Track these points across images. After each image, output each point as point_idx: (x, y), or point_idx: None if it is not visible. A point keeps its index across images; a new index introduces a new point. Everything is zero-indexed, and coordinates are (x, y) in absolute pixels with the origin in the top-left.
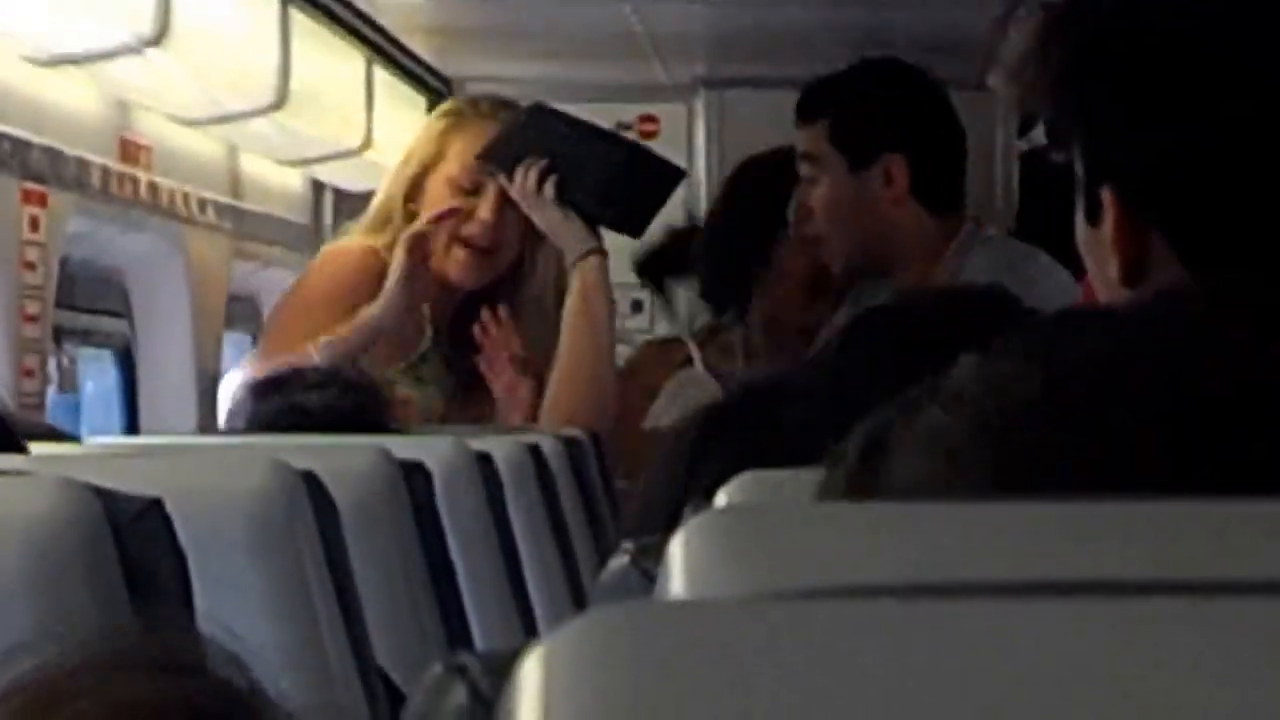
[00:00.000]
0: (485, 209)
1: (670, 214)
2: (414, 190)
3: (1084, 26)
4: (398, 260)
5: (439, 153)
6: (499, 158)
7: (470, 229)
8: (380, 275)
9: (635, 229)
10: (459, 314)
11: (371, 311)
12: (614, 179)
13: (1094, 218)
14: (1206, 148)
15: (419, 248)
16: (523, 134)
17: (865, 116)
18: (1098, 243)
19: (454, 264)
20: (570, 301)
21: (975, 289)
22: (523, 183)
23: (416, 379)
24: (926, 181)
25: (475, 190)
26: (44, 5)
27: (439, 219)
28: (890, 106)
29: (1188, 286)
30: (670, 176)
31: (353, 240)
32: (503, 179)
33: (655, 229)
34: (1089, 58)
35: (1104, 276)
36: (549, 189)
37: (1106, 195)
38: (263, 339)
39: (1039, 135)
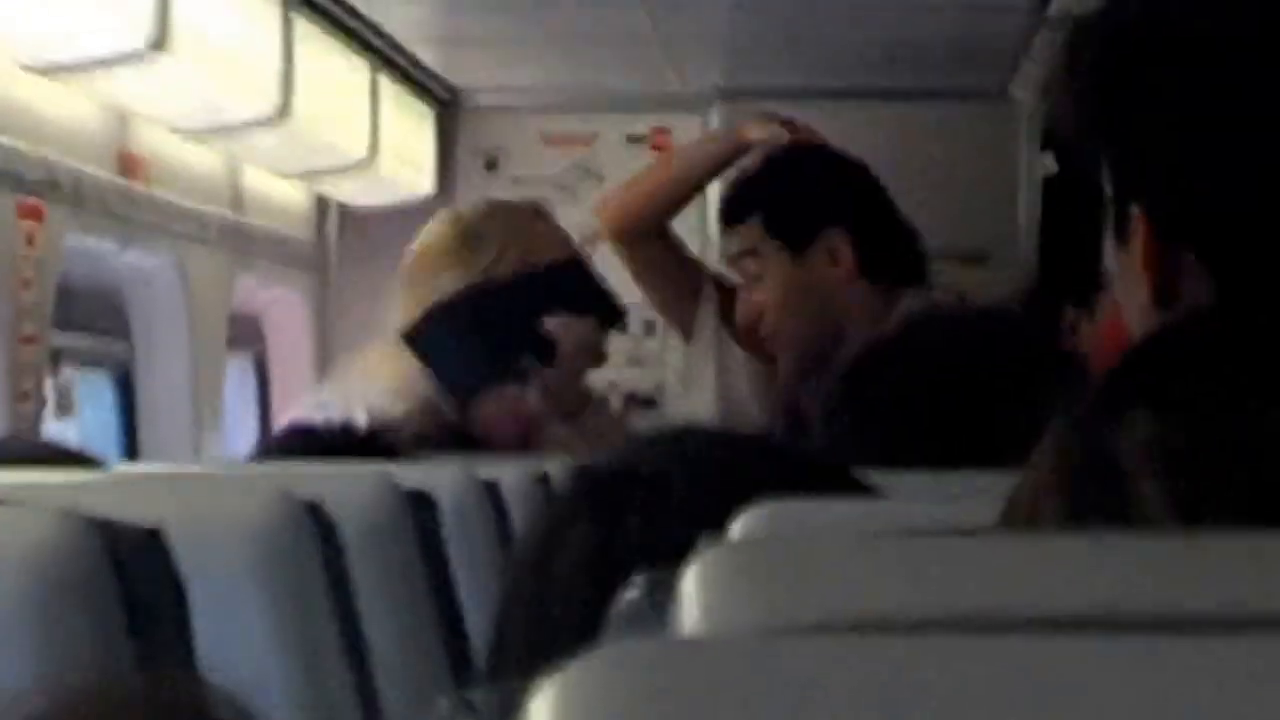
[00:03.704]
0: None
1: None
2: None
3: (1114, 36)
4: None
5: None
6: None
7: None
8: None
9: None
10: None
11: None
12: None
13: (1123, 237)
14: (1242, 161)
15: None
16: None
17: (798, 197)
18: (1127, 264)
19: None
20: None
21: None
22: None
23: None
24: (872, 256)
25: None
26: (41, 11)
27: None
28: (820, 184)
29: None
30: None
31: None
32: None
33: None
34: (1119, 68)
35: (1134, 300)
36: None
37: (1136, 212)
38: None
39: (1052, 163)
